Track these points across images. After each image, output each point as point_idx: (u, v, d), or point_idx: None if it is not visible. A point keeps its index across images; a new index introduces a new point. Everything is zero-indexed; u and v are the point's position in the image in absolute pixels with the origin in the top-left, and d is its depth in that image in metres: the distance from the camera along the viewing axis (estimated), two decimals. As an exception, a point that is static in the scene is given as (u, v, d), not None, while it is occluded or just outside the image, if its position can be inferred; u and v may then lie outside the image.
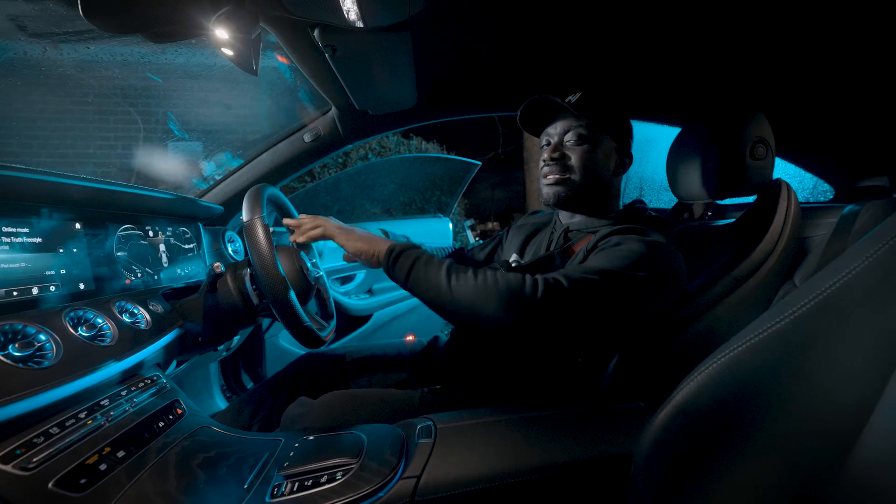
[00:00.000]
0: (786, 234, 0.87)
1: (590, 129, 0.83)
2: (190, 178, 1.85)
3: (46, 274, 0.63)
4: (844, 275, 0.40)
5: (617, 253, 0.69)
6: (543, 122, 0.89)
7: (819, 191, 1.49)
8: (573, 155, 0.84)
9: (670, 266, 0.72)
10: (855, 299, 0.39)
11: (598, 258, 0.70)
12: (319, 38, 0.74)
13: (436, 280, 0.65)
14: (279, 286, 0.74)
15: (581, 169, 0.83)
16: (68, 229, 0.69)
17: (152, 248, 0.91)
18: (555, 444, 0.57)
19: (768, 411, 0.40)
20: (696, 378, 0.44)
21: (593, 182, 0.84)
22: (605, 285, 0.64)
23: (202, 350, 0.94)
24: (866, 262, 0.40)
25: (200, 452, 0.61)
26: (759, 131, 0.95)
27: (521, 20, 0.84)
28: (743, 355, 0.42)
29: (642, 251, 0.69)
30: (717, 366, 0.43)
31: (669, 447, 0.45)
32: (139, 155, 3.02)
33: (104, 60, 1.53)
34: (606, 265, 0.66)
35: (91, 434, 0.52)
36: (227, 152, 1.83)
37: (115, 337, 0.65)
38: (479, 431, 0.60)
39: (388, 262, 0.71)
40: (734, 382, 0.42)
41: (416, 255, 0.69)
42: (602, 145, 0.84)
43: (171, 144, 2.43)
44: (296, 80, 1.21)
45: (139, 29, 0.58)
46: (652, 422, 0.46)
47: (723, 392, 0.43)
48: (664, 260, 0.71)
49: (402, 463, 0.56)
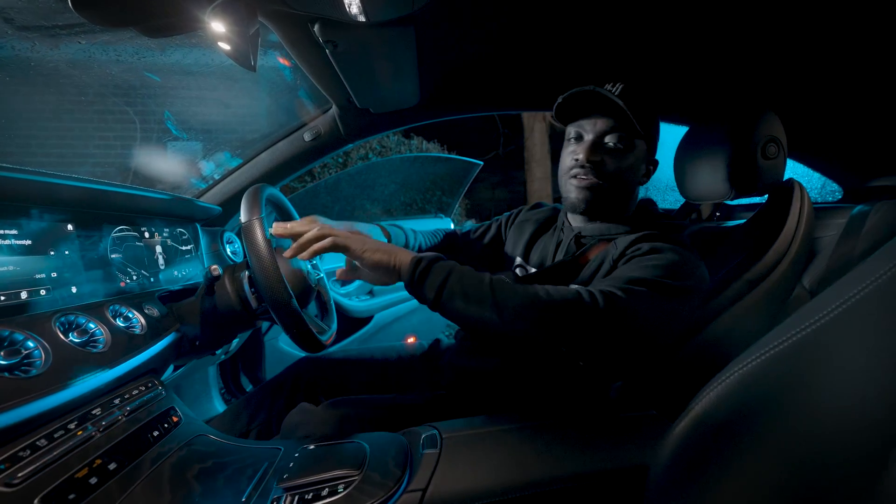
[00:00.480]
0: (799, 236, 0.84)
1: (631, 132, 0.74)
2: (188, 178, 1.83)
3: (36, 277, 0.60)
4: (872, 280, 0.37)
5: (653, 262, 0.65)
6: (577, 111, 0.79)
7: (827, 191, 1.47)
8: (611, 160, 0.75)
9: (702, 274, 0.70)
10: (882, 306, 0.37)
11: (637, 269, 0.65)
12: (320, 33, 0.71)
13: (477, 296, 0.57)
14: (278, 289, 0.72)
15: (616, 178, 0.76)
16: (60, 231, 0.67)
17: (148, 249, 0.89)
18: (566, 455, 0.55)
19: (793, 425, 0.38)
20: (715, 388, 0.42)
21: (623, 191, 0.78)
22: (657, 298, 0.61)
23: (199, 354, 0.92)
24: (894, 268, 0.37)
25: (196, 463, 0.59)
26: (771, 130, 0.93)
27: (528, 16, 0.82)
28: (764, 365, 0.39)
29: (678, 260, 0.66)
30: (738, 376, 0.41)
31: (688, 460, 0.43)
32: (136, 154, 2.99)
33: (99, 58, 1.50)
34: (649, 275, 0.63)
35: (81, 446, 0.50)
36: (227, 152, 1.81)
37: (108, 342, 0.63)
38: (486, 441, 0.58)
39: (413, 276, 0.61)
40: (756, 394, 0.40)
41: (450, 268, 0.61)
42: (637, 151, 0.77)
43: (169, 144, 2.40)
44: (296, 78, 1.18)
45: (132, 23, 0.56)
46: (669, 433, 0.43)
47: (744, 403, 0.40)
48: (697, 267, 0.69)
49: (406, 475, 0.54)
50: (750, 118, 0.93)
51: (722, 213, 1.17)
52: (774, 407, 0.39)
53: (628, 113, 0.70)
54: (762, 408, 0.39)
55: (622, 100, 0.71)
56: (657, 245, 0.69)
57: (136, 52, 1.32)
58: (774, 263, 0.82)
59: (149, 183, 1.55)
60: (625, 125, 0.74)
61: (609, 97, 0.72)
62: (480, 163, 2.68)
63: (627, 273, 0.64)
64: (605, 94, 0.72)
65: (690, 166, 1.04)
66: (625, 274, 0.64)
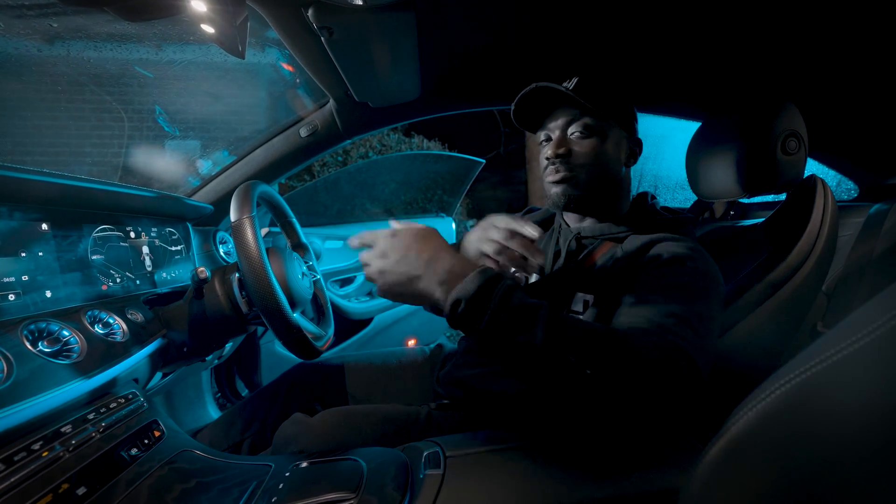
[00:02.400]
0: (823, 236, 0.79)
1: (596, 117, 0.72)
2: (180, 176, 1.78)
3: (4, 281, 0.55)
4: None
5: (681, 271, 0.61)
6: (541, 114, 0.77)
7: (842, 189, 1.42)
8: (580, 149, 0.72)
9: (719, 273, 0.65)
10: None
11: (677, 293, 0.59)
12: (314, 18, 0.66)
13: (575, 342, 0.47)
14: (269, 293, 0.67)
15: (590, 165, 0.72)
16: (33, 230, 0.62)
17: (134, 250, 0.84)
18: (584, 478, 0.50)
19: (853, 449, 0.33)
20: (754, 406, 0.37)
21: (605, 179, 0.74)
22: (709, 311, 0.58)
23: (188, 361, 0.87)
24: None
25: (178, 483, 0.54)
26: (791, 124, 0.87)
27: (530, 8, 0.77)
28: (816, 380, 0.34)
29: (705, 269, 0.63)
30: (783, 392, 0.36)
31: (728, 486, 0.38)
32: (125, 151, 2.91)
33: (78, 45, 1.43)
34: (692, 290, 0.59)
35: (46, 469, 0.45)
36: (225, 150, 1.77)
37: (83, 351, 0.58)
38: (494, 462, 0.53)
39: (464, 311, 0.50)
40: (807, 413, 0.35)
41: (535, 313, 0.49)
42: (611, 135, 0.73)
43: (159, 140, 2.35)
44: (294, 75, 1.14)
45: (107, 2, 0.51)
46: (704, 456, 0.38)
47: (790, 425, 0.35)
48: (714, 266, 0.65)
49: (406, 499, 0.49)
50: (768, 111, 0.88)
51: (736, 211, 1.12)
52: (826, 428, 0.34)
53: (584, 101, 0.68)
54: (813, 429, 0.34)
55: (577, 91, 0.69)
56: (678, 252, 0.64)
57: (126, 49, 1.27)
58: (799, 265, 0.77)
59: (140, 181, 1.50)
60: (588, 112, 0.71)
61: (559, 89, 0.69)
62: (482, 161, 2.63)
63: (668, 301, 0.57)
64: (554, 86, 0.70)
65: (703, 162, 0.99)
66: (667, 302, 0.57)
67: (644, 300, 0.59)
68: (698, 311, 0.56)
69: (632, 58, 0.97)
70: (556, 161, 0.73)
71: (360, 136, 1.21)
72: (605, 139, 0.73)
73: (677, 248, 0.65)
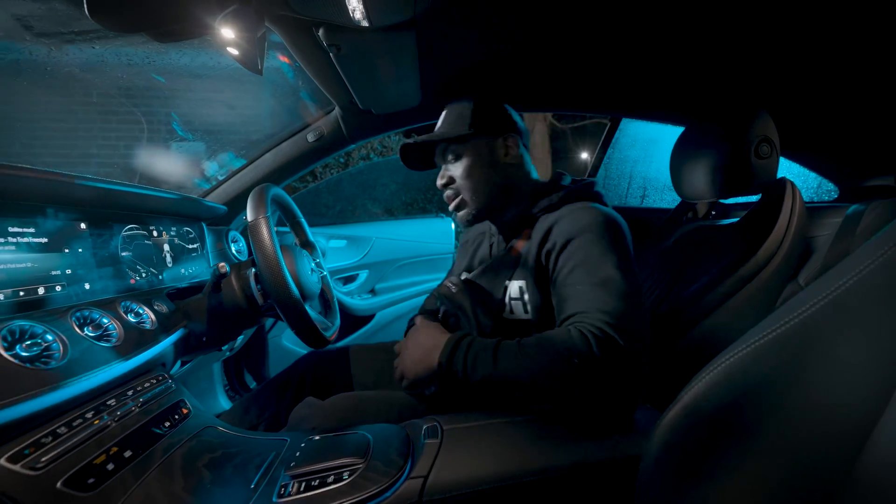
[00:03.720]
0: (791, 234, 0.86)
1: (458, 141, 0.82)
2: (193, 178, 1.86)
3: (52, 274, 0.63)
4: (855, 274, 0.40)
5: (577, 249, 0.70)
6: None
7: (823, 190, 1.49)
8: (456, 173, 0.83)
9: (616, 224, 0.74)
10: (866, 298, 0.39)
11: (571, 263, 0.70)
12: (324, 37, 0.73)
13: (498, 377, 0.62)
14: (284, 286, 0.74)
15: (471, 184, 0.82)
16: (73, 229, 0.69)
17: (156, 248, 0.91)
18: (563, 445, 0.57)
19: (776, 413, 0.40)
20: (703, 379, 0.44)
21: (489, 188, 0.83)
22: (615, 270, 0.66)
23: (206, 350, 0.94)
24: (878, 260, 0.39)
25: (206, 452, 0.61)
26: (764, 130, 0.95)
27: (527, 18, 0.84)
28: (751, 356, 0.42)
29: (594, 234, 0.70)
30: (725, 366, 0.43)
31: (678, 448, 0.45)
32: (142, 155, 3.02)
33: (109, 61, 1.53)
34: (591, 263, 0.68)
35: (98, 434, 0.52)
36: (230, 152, 1.84)
37: (120, 337, 0.65)
38: (485, 432, 0.60)
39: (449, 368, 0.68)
40: (742, 384, 0.42)
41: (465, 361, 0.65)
42: (479, 148, 0.83)
43: (175, 144, 2.43)
44: (297, 79, 1.21)
45: (144, 28, 0.58)
46: (659, 423, 0.45)
47: (730, 393, 0.42)
48: (608, 219, 0.73)
49: (408, 463, 0.56)
50: (744, 118, 0.95)
51: (717, 211, 1.19)
52: (761, 396, 0.41)
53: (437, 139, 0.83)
54: (750, 397, 0.41)
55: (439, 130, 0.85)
56: (570, 231, 0.72)
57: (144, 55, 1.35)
58: (766, 261, 0.84)
59: (154, 182, 1.58)
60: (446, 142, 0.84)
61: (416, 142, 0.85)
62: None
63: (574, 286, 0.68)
64: (411, 141, 0.85)
65: (685, 166, 1.06)
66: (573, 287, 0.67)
67: (558, 295, 0.70)
68: (603, 278, 0.65)
69: (621, 69, 1.04)
70: (443, 190, 0.85)
71: (364, 140, 1.28)
72: (473, 154, 0.82)
73: (569, 225, 0.73)
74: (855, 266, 0.39)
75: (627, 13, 0.83)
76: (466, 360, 0.65)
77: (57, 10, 0.83)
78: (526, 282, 0.76)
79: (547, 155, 6.66)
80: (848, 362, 0.38)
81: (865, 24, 0.81)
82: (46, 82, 1.97)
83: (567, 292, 0.68)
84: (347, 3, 0.62)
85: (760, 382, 0.41)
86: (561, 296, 0.70)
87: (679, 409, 0.45)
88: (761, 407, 0.41)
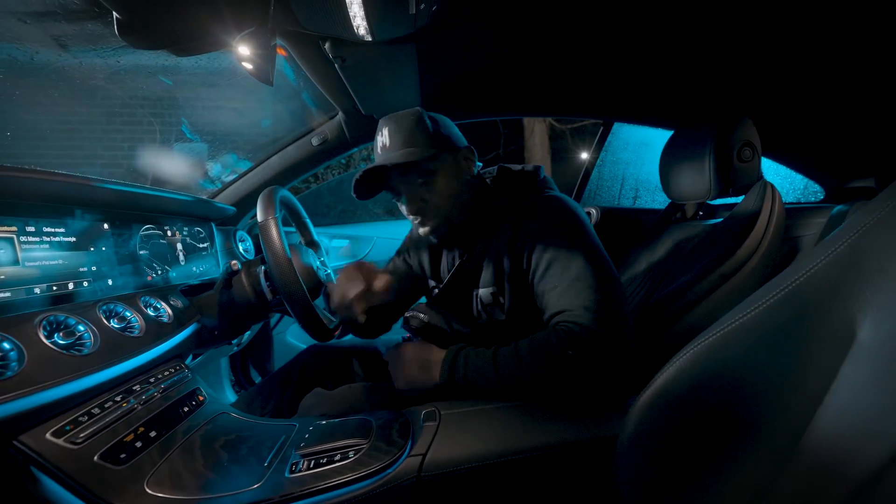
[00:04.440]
0: (770, 233, 0.91)
1: (424, 163, 0.77)
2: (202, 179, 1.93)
3: (80, 270, 0.68)
4: (809, 269, 0.45)
5: (545, 249, 0.73)
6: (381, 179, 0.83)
7: (810, 191, 1.54)
8: (427, 195, 0.79)
9: (577, 216, 0.77)
10: (818, 291, 0.44)
11: (544, 264, 0.73)
12: (330, 50, 0.79)
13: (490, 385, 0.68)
14: (293, 282, 0.79)
15: (446, 203, 0.79)
16: (98, 229, 0.74)
17: (170, 246, 0.97)
18: (549, 427, 0.62)
19: (735, 394, 0.45)
20: (674, 364, 0.49)
21: (455, 203, 0.81)
22: (586, 265, 0.70)
23: (217, 343, 1.00)
24: (829, 257, 0.45)
25: (222, 435, 0.66)
26: (746, 135, 1.00)
27: (521, 31, 0.89)
28: (716, 344, 0.47)
29: (561, 230, 0.74)
30: (693, 353, 0.48)
31: (650, 426, 0.50)
32: (147, 156, 3.10)
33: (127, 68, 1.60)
34: (563, 261, 0.71)
35: (126, 415, 0.58)
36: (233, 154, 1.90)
37: (142, 329, 0.70)
38: (479, 416, 0.65)
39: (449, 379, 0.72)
40: (707, 368, 0.47)
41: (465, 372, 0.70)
42: (447, 166, 0.79)
43: (184, 146, 2.50)
44: (300, 83, 1.26)
45: (167, 45, 0.63)
46: (635, 404, 0.50)
47: (697, 377, 0.48)
48: (569, 212, 0.76)
49: (408, 443, 0.61)
50: (727, 124, 1.00)
51: (705, 212, 1.24)
52: (723, 379, 0.46)
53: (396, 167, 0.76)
54: (713, 381, 0.47)
55: (394, 150, 0.76)
56: (536, 232, 0.75)
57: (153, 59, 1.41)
58: (746, 258, 0.89)
59: (161, 183, 1.63)
60: (411, 165, 0.76)
61: (376, 167, 0.76)
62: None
63: (551, 289, 0.72)
64: (376, 166, 0.76)
65: (673, 168, 1.11)
66: (550, 290, 0.72)
67: (538, 293, 0.74)
68: (577, 274, 0.70)
69: (613, 76, 1.09)
70: (415, 216, 0.81)
71: (366, 144, 1.33)
72: (442, 174, 0.79)
73: (534, 222, 0.75)
74: (810, 262, 0.45)
75: (619, 26, 0.88)
76: (467, 373, 0.70)
77: (88, 29, 0.88)
78: (497, 287, 0.80)
79: (546, 155, 6.71)
80: (800, 347, 0.44)
81: (843, 36, 0.85)
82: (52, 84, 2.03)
83: (547, 292, 0.73)
84: (352, 20, 0.68)
85: (723, 367, 0.46)
86: (541, 295, 0.74)
87: (652, 391, 0.50)
88: (723, 389, 0.46)
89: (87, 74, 1.54)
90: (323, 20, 0.68)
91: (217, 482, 0.55)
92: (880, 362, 0.40)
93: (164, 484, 0.52)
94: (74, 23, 0.88)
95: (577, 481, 0.62)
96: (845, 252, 0.44)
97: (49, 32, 1.07)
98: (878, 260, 0.42)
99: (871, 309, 0.42)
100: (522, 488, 0.61)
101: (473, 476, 0.58)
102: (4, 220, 0.57)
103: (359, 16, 0.66)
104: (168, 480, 0.53)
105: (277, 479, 0.56)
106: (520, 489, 0.60)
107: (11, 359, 0.48)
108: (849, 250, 0.44)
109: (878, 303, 0.42)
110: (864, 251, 0.43)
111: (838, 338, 0.43)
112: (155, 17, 0.57)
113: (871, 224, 0.44)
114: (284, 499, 0.52)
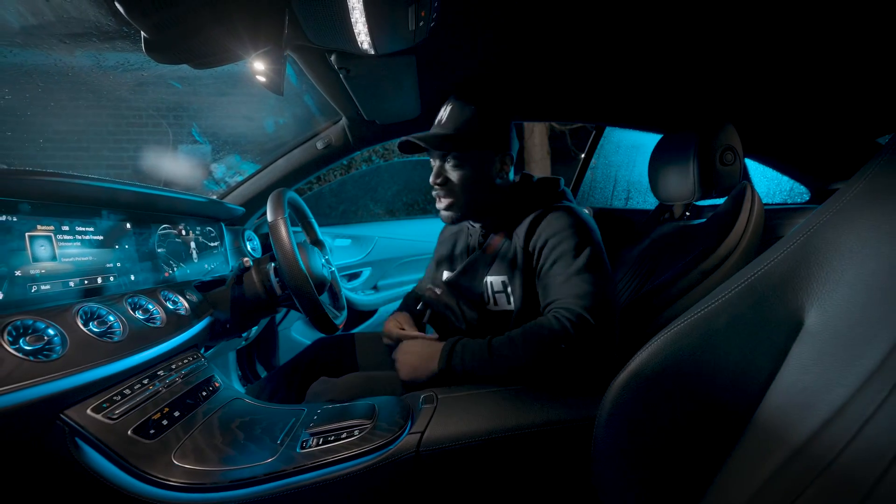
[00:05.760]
0: (749, 232, 0.97)
1: (464, 150, 0.86)
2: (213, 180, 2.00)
3: (107, 266, 0.74)
4: (766, 264, 0.51)
5: (556, 244, 0.81)
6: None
7: (796, 192, 1.59)
8: (454, 178, 0.88)
9: (586, 224, 0.85)
10: (772, 284, 0.50)
11: (553, 257, 0.81)
12: (335, 62, 0.84)
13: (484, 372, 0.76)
14: (301, 278, 0.85)
15: (464, 191, 0.89)
16: (122, 228, 0.80)
17: (185, 245, 1.03)
18: (535, 408, 0.68)
19: (700, 375, 0.51)
20: (647, 348, 0.55)
21: (479, 197, 0.90)
22: (589, 260, 0.78)
23: (229, 336, 1.06)
24: (783, 253, 0.51)
25: (238, 417, 0.72)
26: (728, 140, 1.05)
27: (517, 39, 0.94)
28: (683, 330, 0.53)
29: (573, 231, 0.82)
30: (663, 338, 0.54)
31: (623, 405, 0.56)
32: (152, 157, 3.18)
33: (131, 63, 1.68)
34: (569, 256, 0.79)
35: (153, 396, 0.64)
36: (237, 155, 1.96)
37: (164, 320, 0.76)
38: (472, 399, 0.71)
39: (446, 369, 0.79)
40: (675, 352, 0.53)
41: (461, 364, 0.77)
42: (479, 162, 0.88)
43: (194, 148, 2.58)
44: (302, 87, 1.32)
45: (188, 60, 0.69)
46: (611, 386, 0.56)
47: (665, 360, 0.54)
48: (579, 219, 0.84)
49: (408, 423, 0.67)
50: (710, 129, 1.06)
51: (692, 212, 1.30)
52: (689, 362, 0.52)
53: (443, 149, 0.87)
54: (681, 363, 0.53)
55: (444, 128, 0.87)
56: (549, 233, 0.83)
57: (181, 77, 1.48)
58: (726, 256, 0.95)
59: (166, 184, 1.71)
60: (457, 146, 0.86)
61: (421, 145, 0.86)
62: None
63: (556, 277, 0.80)
64: (418, 142, 0.85)
65: (661, 171, 1.17)
66: (555, 279, 0.80)
67: (542, 285, 0.83)
68: (577, 269, 0.78)
69: (605, 84, 1.15)
70: (436, 188, 0.90)
71: (368, 147, 1.39)
72: (473, 166, 0.88)
73: (549, 226, 0.84)
74: (768, 257, 0.51)
75: (610, 37, 0.93)
76: (464, 360, 0.77)
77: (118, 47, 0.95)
78: (508, 276, 0.88)
79: (546, 156, 6.76)
80: (755, 333, 0.50)
81: (823, 45, 0.90)
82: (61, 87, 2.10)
83: (549, 283, 0.82)
84: (357, 36, 0.74)
85: (688, 351, 0.52)
86: (544, 285, 0.83)
87: (626, 373, 0.56)
88: (685, 370, 0.52)
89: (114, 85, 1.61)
90: (330, 36, 0.74)
91: (235, 456, 0.61)
92: (822, 344, 0.46)
93: (189, 457, 0.58)
94: (107, 41, 0.95)
95: (561, 456, 0.68)
96: (798, 249, 0.50)
97: (84, 48, 1.14)
98: (824, 256, 0.49)
99: (817, 298, 0.48)
100: (511, 462, 0.67)
101: (466, 451, 0.64)
102: (43, 220, 0.63)
103: (363, 32, 0.72)
104: (192, 454, 0.59)
105: (289, 453, 0.62)
106: (508, 463, 0.67)
107: (56, 343, 0.54)
108: (800, 247, 0.50)
109: (822, 293, 0.48)
110: (814, 248, 0.50)
111: (789, 324, 0.49)
112: (179, 36, 0.63)
113: (819, 224, 0.50)
114: (297, 470, 0.58)
